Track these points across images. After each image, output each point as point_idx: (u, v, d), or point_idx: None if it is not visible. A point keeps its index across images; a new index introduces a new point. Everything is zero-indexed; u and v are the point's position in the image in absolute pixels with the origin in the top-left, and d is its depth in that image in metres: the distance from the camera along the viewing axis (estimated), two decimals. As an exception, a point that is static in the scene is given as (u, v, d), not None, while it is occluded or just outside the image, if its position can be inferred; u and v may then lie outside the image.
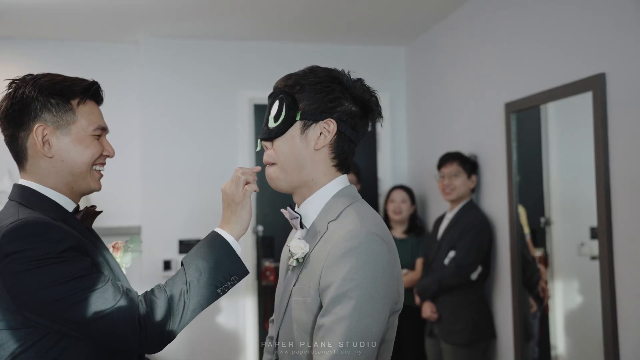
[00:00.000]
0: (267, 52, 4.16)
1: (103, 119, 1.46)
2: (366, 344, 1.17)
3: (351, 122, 1.33)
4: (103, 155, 1.45)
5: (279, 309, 1.35)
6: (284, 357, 1.31)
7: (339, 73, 1.34)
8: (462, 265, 3.11)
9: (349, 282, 1.17)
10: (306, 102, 1.30)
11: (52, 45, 4.01)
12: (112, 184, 4.09)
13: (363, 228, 1.22)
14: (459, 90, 3.63)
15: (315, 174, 1.32)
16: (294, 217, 1.35)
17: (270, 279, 4.08)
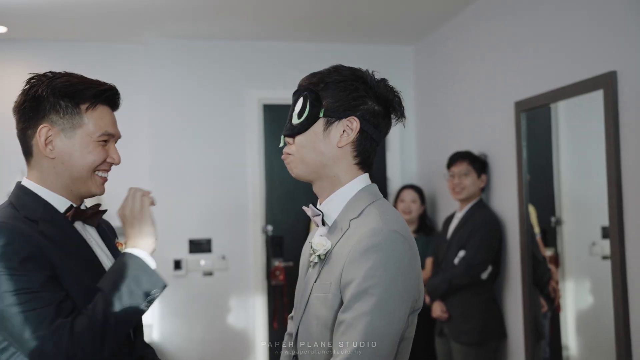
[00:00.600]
0: (276, 52, 4.16)
1: (114, 126, 1.45)
2: (386, 340, 1.18)
3: (374, 121, 1.34)
4: (107, 162, 1.44)
5: (299, 305, 1.36)
6: (303, 353, 1.32)
7: (363, 72, 1.36)
8: (472, 265, 3.10)
9: (370, 279, 1.19)
10: (330, 100, 1.31)
11: (63, 47, 4.04)
12: (122, 184, 4.11)
13: (385, 226, 1.24)
14: (468, 89, 3.61)
15: (338, 170, 1.33)
16: (316, 214, 1.35)
17: (280, 279, 4.08)
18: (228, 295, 4.04)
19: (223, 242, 4.04)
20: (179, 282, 3.96)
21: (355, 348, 1.17)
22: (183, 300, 3.96)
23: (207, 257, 4.02)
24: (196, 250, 4.00)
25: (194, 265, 3.99)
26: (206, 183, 4.03)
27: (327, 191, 1.35)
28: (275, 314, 4.09)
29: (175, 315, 3.95)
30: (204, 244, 4.02)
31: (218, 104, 4.08)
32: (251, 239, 4.08)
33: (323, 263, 1.30)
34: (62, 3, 3.30)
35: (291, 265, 4.13)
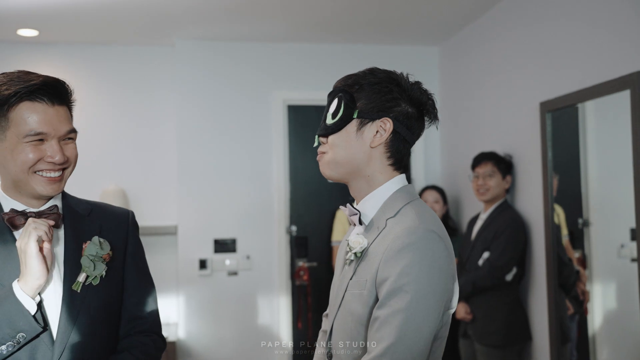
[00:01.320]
0: (300, 53, 4.19)
1: (47, 124, 1.34)
2: (420, 337, 1.20)
3: (407, 123, 1.36)
4: (47, 162, 1.35)
5: (334, 302, 1.38)
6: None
7: (397, 75, 1.38)
8: (497, 266, 3.08)
9: (406, 276, 1.20)
10: (364, 101, 1.34)
11: (91, 50, 4.12)
12: (149, 185, 4.20)
13: (421, 225, 1.26)
14: (493, 90, 3.59)
15: (372, 171, 1.35)
16: (353, 214, 1.37)
17: (304, 279, 4.10)
18: (252, 295, 4.08)
19: (248, 242, 4.08)
20: (204, 282, 4.01)
21: (389, 345, 1.19)
22: (208, 300, 4.01)
23: (232, 257, 4.06)
24: (221, 250, 4.05)
25: (219, 265, 4.03)
26: (231, 183, 4.07)
27: (363, 191, 1.37)
28: (300, 314, 4.12)
29: (200, 314, 4.00)
30: (229, 244, 4.06)
31: (243, 105, 4.12)
32: (276, 239, 4.10)
33: (359, 261, 1.33)
34: (91, 7, 3.37)
35: (315, 265, 4.15)
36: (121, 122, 4.15)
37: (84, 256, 1.39)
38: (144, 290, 1.53)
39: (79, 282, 1.38)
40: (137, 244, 1.55)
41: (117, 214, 1.54)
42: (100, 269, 1.41)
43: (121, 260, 1.49)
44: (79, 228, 1.44)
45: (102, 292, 1.42)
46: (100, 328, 1.41)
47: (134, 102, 4.17)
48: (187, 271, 4.00)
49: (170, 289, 4.14)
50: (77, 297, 1.38)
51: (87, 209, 1.49)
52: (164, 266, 4.13)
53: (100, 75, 4.15)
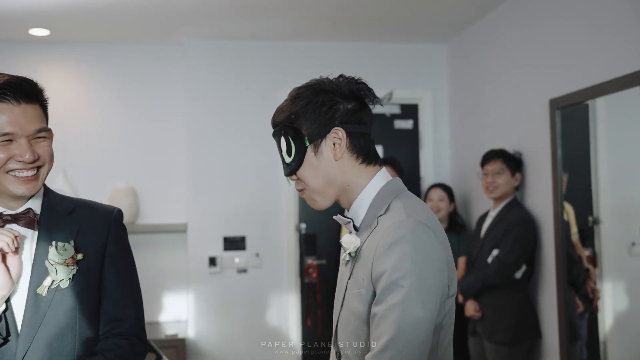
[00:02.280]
0: (309, 52, 4.19)
1: (12, 124, 1.34)
2: (419, 329, 1.21)
3: (355, 119, 1.36)
4: (16, 161, 1.35)
5: (337, 303, 1.40)
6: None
7: (319, 82, 1.38)
8: (506, 264, 3.07)
9: (399, 270, 1.22)
10: (307, 126, 1.35)
11: (102, 49, 4.15)
12: (159, 183, 4.22)
13: (409, 218, 1.27)
14: (502, 87, 3.58)
15: (349, 178, 1.36)
16: (346, 222, 1.39)
17: (313, 276, 4.11)
18: (262, 293, 4.09)
19: (257, 239, 4.09)
20: (213, 279, 4.03)
21: (389, 339, 1.20)
22: (217, 297, 4.03)
23: (241, 255, 4.07)
24: (231, 248, 4.06)
25: (228, 263, 4.05)
26: (241, 181, 4.08)
27: (350, 199, 1.39)
28: (309, 311, 4.13)
29: (209, 311, 4.02)
30: (238, 242, 4.08)
31: (252, 103, 4.13)
32: (285, 237, 4.12)
33: (354, 260, 1.34)
34: (101, 6, 3.39)
35: (324, 263, 4.15)
36: (131, 121, 4.17)
37: (47, 260, 1.39)
38: (124, 291, 1.50)
39: (44, 286, 1.38)
40: (120, 243, 1.52)
41: (100, 212, 1.51)
42: (64, 274, 1.39)
43: (99, 260, 1.46)
44: (55, 229, 1.42)
45: (72, 295, 1.40)
46: (68, 331, 1.40)
47: (144, 100, 4.19)
48: (197, 269, 4.02)
49: (180, 286, 4.17)
50: (43, 300, 1.37)
51: (68, 207, 1.47)
52: (174, 264, 4.15)
53: (110, 75, 4.18)
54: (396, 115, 4.28)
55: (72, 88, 4.13)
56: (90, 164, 4.09)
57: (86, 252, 1.44)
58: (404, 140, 4.29)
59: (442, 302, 1.28)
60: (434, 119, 4.31)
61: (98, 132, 4.14)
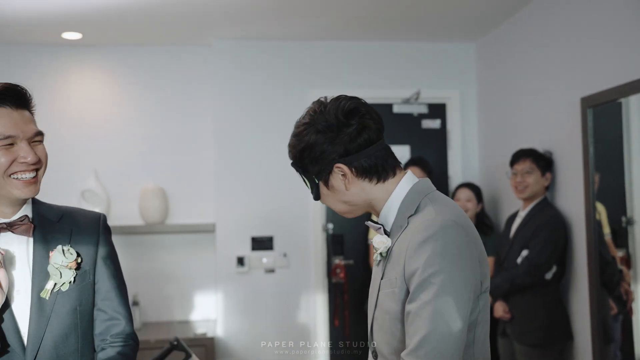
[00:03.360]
0: (336, 51, 4.20)
1: (14, 127, 1.38)
2: (452, 326, 1.22)
3: (355, 145, 1.36)
4: (20, 163, 1.39)
5: (371, 302, 1.43)
6: (381, 348, 1.37)
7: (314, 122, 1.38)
8: (536, 265, 3.03)
9: (430, 268, 1.24)
10: (310, 167, 1.41)
11: (132, 51, 4.21)
12: (188, 183, 4.27)
13: (438, 216, 1.29)
14: (532, 85, 3.53)
15: (369, 196, 1.40)
16: (377, 228, 1.42)
17: (340, 276, 4.11)
18: (289, 293, 4.11)
19: (284, 239, 4.11)
20: (241, 279, 4.06)
21: (423, 336, 1.22)
22: (246, 297, 4.06)
23: (268, 255, 4.09)
24: (258, 248, 4.09)
25: (256, 262, 4.08)
26: (269, 182, 4.10)
27: (378, 209, 1.42)
28: (336, 311, 4.13)
29: (238, 311, 4.05)
30: (266, 242, 4.10)
31: (280, 104, 4.15)
32: (312, 237, 4.13)
33: (386, 260, 1.37)
34: (131, 9, 3.45)
35: (351, 263, 4.15)
36: (160, 122, 4.23)
37: (50, 265, 1.43)
38: (116, 291, 1.55)
39: (47, 290, 1.43)
40: (109, 246, 1.57)
41: (88, 218, 1.57)
42: (67, 277, 1.45)
43: (92, 264, 1.52)
44: (49, 235, 1.47)
45: (73, 297, 1.46)
46: (72, 332, 1.46)
47: (173, 102, 4.25)
48: (225, 268, 4.05)
49: (208, 286, 4.21)
50: (47, 304, 1.43)
51: (57, 215, 1.52)
52: (202, 263, 4.19)
53: (139, 76, 4.24)
54: (424, 114, 4.26)
55: (102, 90, 4.20)
56: (120, 165, 4.16)
57: (81, 255, 1.50)
58: (431, 139, 4.27)
59: (475, 298, 1.29)
60: (462, 118, 4.28)
61: (128, 133, 4.20)
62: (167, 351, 2.39)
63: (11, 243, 1.44)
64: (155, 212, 4.01)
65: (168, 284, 4.18)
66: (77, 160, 4.05)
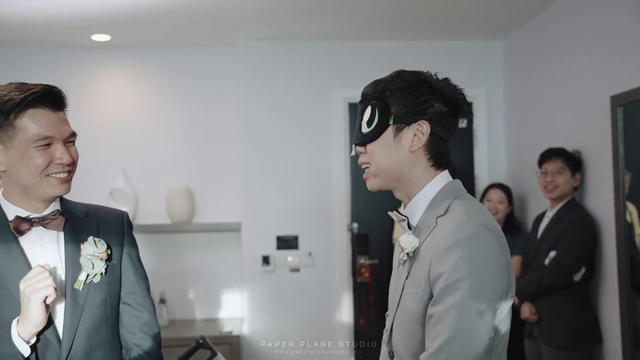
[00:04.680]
0: (361, 51, 4.19)
1: (52, 127, 1.42)
2: (476, 332, 1.21)
3: (443, 122, 1.36)
4: (56, 164, 1.43)
5: (393, 302, 1.41)
6: (398, 349, 1.36)
7: (426, 75, 1.38)
8: (564, 266, 2.99)
9: (457, 272, 1.22)
10: (397, 107, 1.34)
11: (160, 53, 4.26)
12: (214, 182, 4.31)
13: (470, 220, 1.26)
14: (560, 84, 3.48)
15: (414, 174, 1.36)
16: (401, 220, 1.39)
17: (365, 276, 4.11)
18: (314, 292, 4.12)
19: (309, 239, 4.12)
20: (267, 278, 4.08)
21: (445, 340, 1.20)
22: (271, 296, 4.08)
23: (294, 254, 4.11)
24: (283, 247, 4.11)
25: (281, 262, 4.10)
26: (293, 181, 4.12)
27: (409, 195, 1.39)
28: (361, 310, 4.12)
29: (263, 309, 4.08)
30: (291, 241, 4.12)
31: (305, 104, 4.16)
32: (337, 237, 4.13)
33: (412, 260, 1.34)
34: (158, 11, 3.49)
35: (376, 262, 4.14)
36: (187, 122, 4.28)
37: (83, 256, 1.47)
38: (140, 286, 1.60)
39: (80, 281, 1.47)
40: (133, 242, 1.62)
41: (112, 215, 1.61)
42: (99, 267, 1.49)
43: (119, 258, 1.56)
44: (78, 229, 1.52)
45: (103, 289, 1.51)
46: (103, 323, 1.51)
47: (200, 102, 4.29)
48: (250, 267, 4.08)
49: (234, 284, 4.24)
50: (80, 295, 1.47)
51: (83, 211, 1.56)
52: (228, 262, 4.23)
53: (166, 77, 4.29)
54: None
55: (130, 91, 4.27)
56: (148, 164, 4.22)
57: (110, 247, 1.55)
58: (457, 139, 4.16)
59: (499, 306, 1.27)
60: (489, 117, 4.24)
61: (156, 133, 4.26)
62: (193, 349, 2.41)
63: (42, 237, 1.49)
64: (182, 211, 4.06)
65: (194, 282, 4.23)
66: (106, 160, 4.12)
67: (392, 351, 1.39)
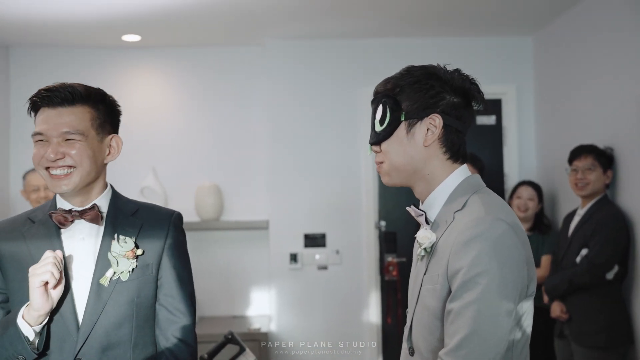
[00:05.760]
0: (388, 48, 4.17)
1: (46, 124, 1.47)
2: (495, 328, 1.19)
3: (456, 114, 1.35)
4: (46, 159, 1.47)
5: (412, 298, 1.40)
6: (418, 345, 1.35)
7: (435, 68, 1.37)
8: (596, 264, 2.93)
9: (476, 267, 1.20)
10: (408, 102, 1.34)
11: (189, 52, 4.31)
12: (242, 180, 4.35)
13: (488, 215, 1.25)
14: (591, 80, 3.42)
15: (431, 168, 1.35)
16: (419, 215, 1.38)
17: (393, 274, 4.10)
18: (342, 290, 4.12)
19: (337, 237, 4.13)
20: (295, 275, 4.10)
21: (464, 336, 1.19)
22: (299, 293, 4.10)
23: (321, 252, 4.12)
24: (311, 245, 4.12)
25: (309, 259, 4.11)
26: (321, 179, 4.13)
27: (426, 191, 1.38)
28: (389, 309, 4.12)
29: (291, 307, 4.10)
30: (318, 239, 4.13)
31: (332, 101, 4.17)
32: (364, 235, 4.13)
33: (430, 256, 1.33)
34: (187, 11, 3.53)
35: (404, 260, 4.13)
36: (216, 121, 4.32)
37: (109, 253, 1.49)
38: (179, 289, 1.58)
39: (107, 277, 1.49)
40: (177, 244, 1.60)
41: (161, 214, 1.61)
42: (125, 266, 1.50)
43: (157, 258, 1.55)
44: (120, 226, 1.53)
45: (131, 288, 1.51)
46: (127, 322, 1.51)
47: (228, 101, 4.33)
48: (278, 265, 4.10)
49: (262, 282, 4.27)
50: (105, 291, 1.48)
51: (132, 209, 1.58)
52: (256, 260, 4.26)
53: (195, 76, 4.34)
54: (478, 110, 4.18)
55: (160, 90, 4.32)
56: (177, 163, 4.27)
57: (146, 249, 1.54)
58: (486, 136, 4.19)
59: (520, 302, 1.25)
60: (518, 114, 4.18)
61: (185, 132, 4.31)
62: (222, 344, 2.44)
63: (83, 230, 1.52)
64: (211, 209, 4.10)
65: (223, 279, 4.26)
66: (136, 159, 4.18)
67: (412, 347, 1.38)
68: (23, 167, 3.91)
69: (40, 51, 4.24)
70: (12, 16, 3.56)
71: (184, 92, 4.33)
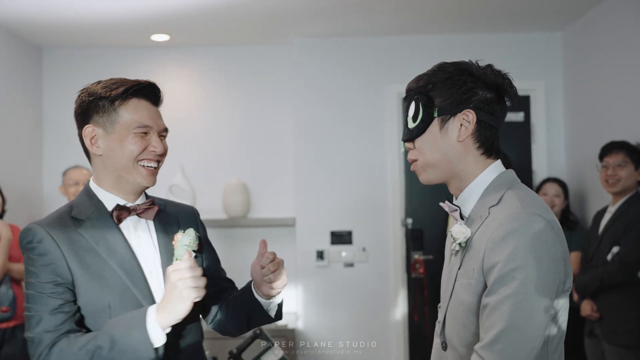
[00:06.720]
0: (414, 46, 4.16)
1: (151, 118, 1.52)
2: (531, 322, 1.19)
3: (489, 109, 1.35)
4: (149, 151, 1.51)
5: (445, 293, 1.40)
6: (452, 340, 1.36)
7: (467, 64, 1.37)
8: (628, 262, 2.89)
9: (512, 262, 1.20)
10: (441, 99, 1.34)
11: (217, 51, 4.36)
12: (268, 178, 4.38)
13: (524, 210, 1.25)
14: (622, 75, 3.36)
15: (465, 164, 1.35)
16: (453, 210, 1.39)
17: (420, 272, 4.09)
18: (368, 287, 4.13)
19: (363, 234, 4.13)
20: (321, 272, 4.12)
21: (500, 331, 1.19)
22: (325, 290, 4.11)
23: (348, 249, 4.13)
24: (337, 242, 4.13)
25: (335, 256, 4.12)
26: (347, 176, 4.14)
27: (461, 186, 1.38)
28: (416, 307, 4.11)
29: (317, 304, 4.11)
30: (345, 236, 4.14)
31: (358, 99, 4.17)
32: (391, 232, 4.12)
33: (465, 251, 1.33)
34: (214, 10, 3.57)
35: (431, 258, 4.12)
36: (242, 119, 4.36)
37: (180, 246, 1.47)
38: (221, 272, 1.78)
39: None
40: (205, 237, 1.73)
41: (185, 210, 1.69)
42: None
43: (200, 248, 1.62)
44: (164, 220, 1.59)
45: None
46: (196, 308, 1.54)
47: (255, 99, 4.36)
48: (305, 262, 4.13)
49: (289, 278, 4.26)
50: None
51: (162, 204, 1.63)
52: (283, 256, 4.17)
53: (222, 75, 4.38)
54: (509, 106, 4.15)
55: (188, 89, 4.38)
56: (205, 161, 4.32)
57: None
58: (514, 133, 4.15)
59: (556, 297, 1.25)
60: (547, 110, 4.13)
61: (212, 130, 4.36)
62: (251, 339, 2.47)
63: (136, 226, 1.55)
64: (238, 207, 4.14)
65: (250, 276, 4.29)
66: (165, 157, 4.24)
67: (445, 342, 1.38)
68: (56, 166, 4.00)
69: (72, 52, 4.33)
70: (45, 18, 3.65)
71: (212, 90, 4.38)
